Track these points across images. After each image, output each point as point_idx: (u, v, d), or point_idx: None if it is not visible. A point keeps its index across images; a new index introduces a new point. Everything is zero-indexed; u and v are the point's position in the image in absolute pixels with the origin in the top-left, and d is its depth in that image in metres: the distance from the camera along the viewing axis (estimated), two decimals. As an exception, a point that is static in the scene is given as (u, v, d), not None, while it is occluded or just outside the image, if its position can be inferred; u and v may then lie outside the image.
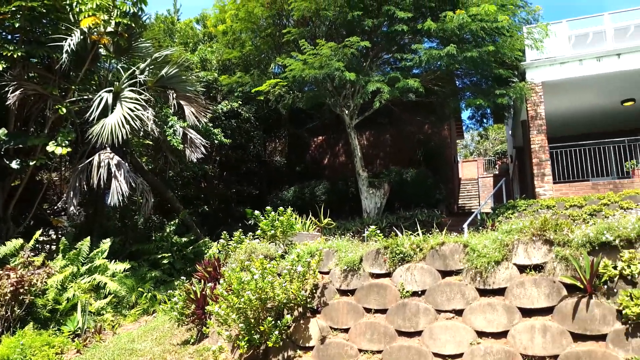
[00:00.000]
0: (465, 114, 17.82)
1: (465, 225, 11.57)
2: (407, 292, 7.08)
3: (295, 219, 9.43)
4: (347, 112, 12.99)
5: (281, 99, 12.81)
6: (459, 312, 6.65)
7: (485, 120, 14.96)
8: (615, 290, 5.77)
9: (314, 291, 7.86)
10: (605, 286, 5.84)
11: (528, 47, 12.60)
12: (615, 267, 5.85)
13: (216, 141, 13.81)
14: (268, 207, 8.83)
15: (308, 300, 7.71)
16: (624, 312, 5.55)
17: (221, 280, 7.90)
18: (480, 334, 6.37)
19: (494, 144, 31.42)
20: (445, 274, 7.08)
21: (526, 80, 12.91)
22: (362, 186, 13.16)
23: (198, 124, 12.13)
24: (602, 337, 5.71)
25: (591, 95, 14.61)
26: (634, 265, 5.72)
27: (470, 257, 6.81)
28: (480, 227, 10.99)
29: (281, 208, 8.82)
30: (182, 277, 9.32)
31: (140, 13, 11.22)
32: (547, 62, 13.16)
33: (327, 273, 8.07)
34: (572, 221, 10.63)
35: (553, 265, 6.28)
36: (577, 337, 5.84)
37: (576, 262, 5.96)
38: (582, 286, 5.91)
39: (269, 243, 8.76)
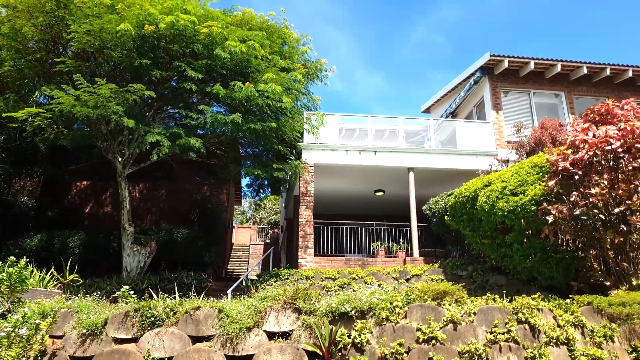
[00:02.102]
0: (244, 181, 18.42)
1: (229, 291, 11.51)
2: (153, 358, 6.51)
3: (32, 272, 8.03)
4: (120, 159, 12.09)
5: (41, 132, 11.21)
6: (203, 381, 6.34)
7: (262, 190, 15.69)
8: (347, 357, 6.26)
9: (40, 359, 6.63)
10: (340, 353, 6.31)
11: (306, 131, 13.87)
12: (349, 336, 6.39)
13: (-61, 170, 11.24)
14: (-5, 255, 7.32)
15: (28, 370, 6.43)
16: (352, 378, 6.02)
17: None
18: (222, 405, 6.14)
19: (269, 213, 33.13)
20: (197, 339, 6.78)
21: (301, 160, 14.09)
22: (126, 242, 12.12)
23: None
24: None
25: (353, 181, 16.68)
26: (364, 334, 6.35)
27: (224, 322, 6.69)
28: (243, 294, 11.06)
29: (12, 258, 7.40)
30: None
31: None
32: (320, 147, 14.67)
33: (62, 337, 6.95)
34: (326, 292, 11.51)
35: (299, 333, 6.55)
36: (312, 405, 6.07)
37: (318, 331, 6.33)
38: (321, 353, 6.26)
39: (-11, 299, 7.19)
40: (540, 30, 73.26)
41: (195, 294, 8.11)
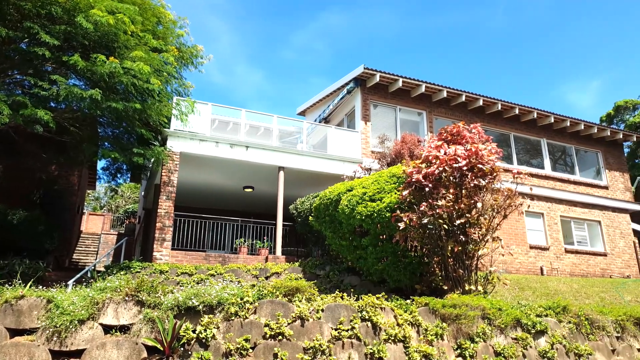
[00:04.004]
0: (101, 164, 16.85)
1: (71, 282, 10.46)
2: (-44, 356, 5.60)
3: None
4: (-55, 125, 10.33)
5: None
6: (20, 380, 5.61)
7: (119, 175, 14.51)
8: (190, 352, 6.00)
9: None
10: (183, 349, 6.02)
11: (174, 117, 13.16)
12: (194, 331, 6.14)
13: None
14: None
15: None
16: (191, 374, 5.77)
17: None
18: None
19: (128, 201, 30.85)
20: (17, 332, 5.98)
21: (166, 147, 13.34)
22: (-56, 220, 10.37)
23: None
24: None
25: (222, 175, 16.28)
26: (210, 329, 6.14)
27: (52, 314, 6.00)
28: (88, 286, 10.12)
29: None
30: None
31: None
32: (189, 136, 14.06)
33: None
34: (181, 288, 11.01)
35: (140, 327, 6.13)
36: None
37: (161, 325, 5.98)
38: (162, 348, 5.92)
39: None
40: (420, 51, 79.34)
41: (21, 281, 7.17)
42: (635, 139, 22.35)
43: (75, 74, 11.20)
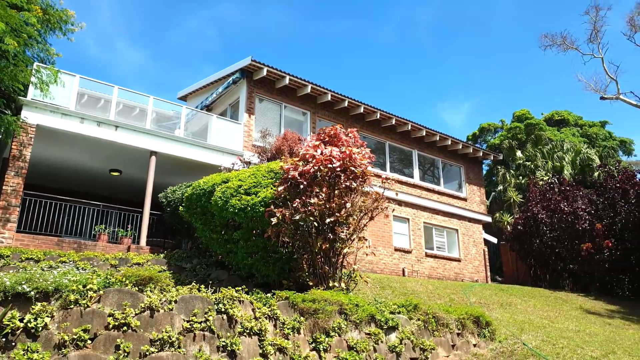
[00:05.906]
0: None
1: None
2: None
3: None
4: None
5: None
6: None
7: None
8: (14, 343, 5.32)
9: None
10: (5, 339, 5.31)
11: (34, 85, 11.78)
12: (22, 320, 5.45)
13: None
14: None
15: None
16: (12, 368, 5.11)
17: None
18: None
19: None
20: None
21: (19, 117, 11.87)
22: None
23: None
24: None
25: (86, 155, 14.94)
26: (42, 318, 5.50)
27: None
28: None
29: None
30: None
31: None
32: (49, 108, 12.68)
33: None
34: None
35: (-49, 315, 5.28)
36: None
37: (-20, 312, 5.21)
38: (-24, 340, 5.16)
39: None
40: (310, 53, 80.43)
41: None
42: (492, 158, 24.92)
43: None
